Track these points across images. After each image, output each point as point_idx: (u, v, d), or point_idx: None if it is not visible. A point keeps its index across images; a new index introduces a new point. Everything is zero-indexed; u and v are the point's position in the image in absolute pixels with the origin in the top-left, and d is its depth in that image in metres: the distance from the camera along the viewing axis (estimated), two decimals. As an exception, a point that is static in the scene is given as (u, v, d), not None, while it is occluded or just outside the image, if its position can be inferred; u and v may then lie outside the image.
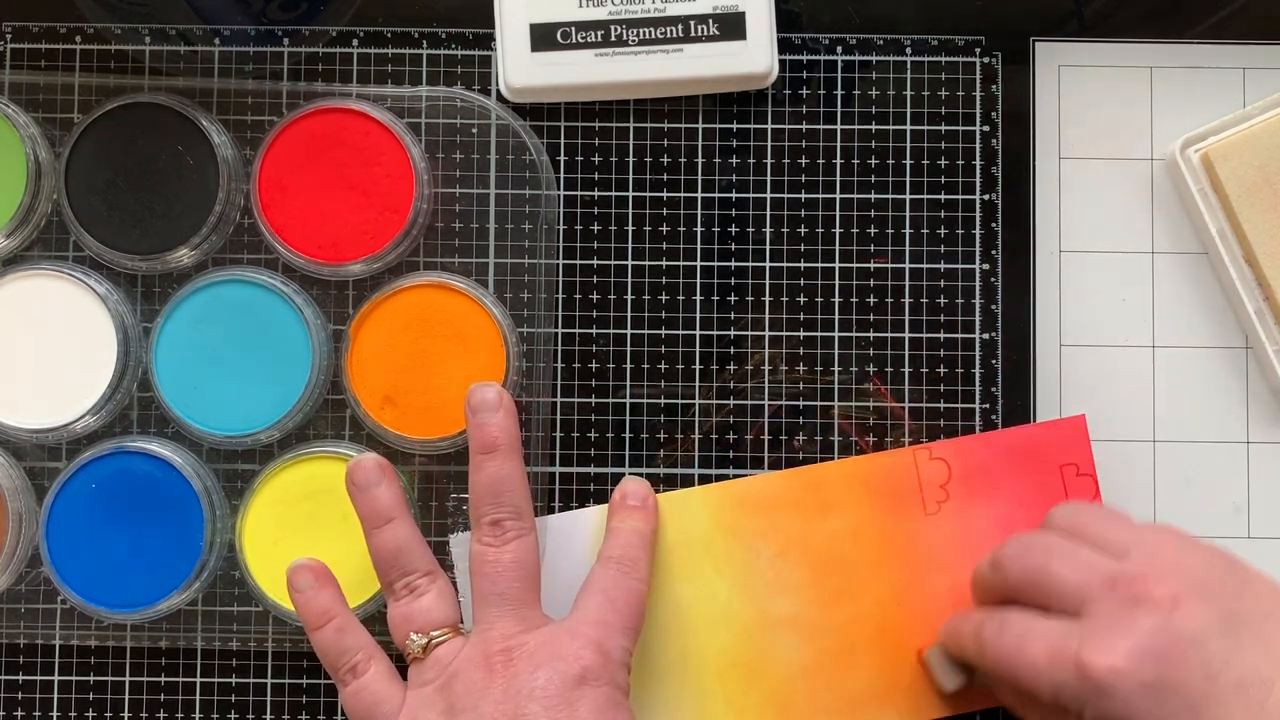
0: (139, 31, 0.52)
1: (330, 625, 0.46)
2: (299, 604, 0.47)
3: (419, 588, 0.46)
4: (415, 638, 0.45)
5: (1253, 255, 0.50)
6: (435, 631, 0.45)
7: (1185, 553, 0.42)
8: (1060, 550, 0.43)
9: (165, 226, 0.50)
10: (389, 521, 0.46)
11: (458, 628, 0.46)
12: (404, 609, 0.46)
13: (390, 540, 0.46)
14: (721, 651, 0.50)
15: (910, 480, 0.50)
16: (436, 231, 0.51)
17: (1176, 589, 0.40)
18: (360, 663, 0.45)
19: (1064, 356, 0.52)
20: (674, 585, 0.50)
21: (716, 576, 0.50)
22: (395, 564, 0.46)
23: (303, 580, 0.46)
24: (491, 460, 0.46)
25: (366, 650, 0.46)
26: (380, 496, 0.46)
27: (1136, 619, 0.40)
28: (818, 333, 0.52)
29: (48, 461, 0.51)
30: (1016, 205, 0.52)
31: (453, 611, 0.46)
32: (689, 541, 0.50)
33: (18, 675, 0.51)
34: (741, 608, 0.50)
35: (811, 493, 0.50)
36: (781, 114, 0.52)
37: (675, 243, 0.52)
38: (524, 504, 0.46)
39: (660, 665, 0.50)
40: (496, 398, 0.47)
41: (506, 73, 0.50)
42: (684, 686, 0.49)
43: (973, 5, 0.52)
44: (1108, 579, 0.41)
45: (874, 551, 0.50)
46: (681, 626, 0.50)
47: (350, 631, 0.46)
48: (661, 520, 0.50)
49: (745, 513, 0.50)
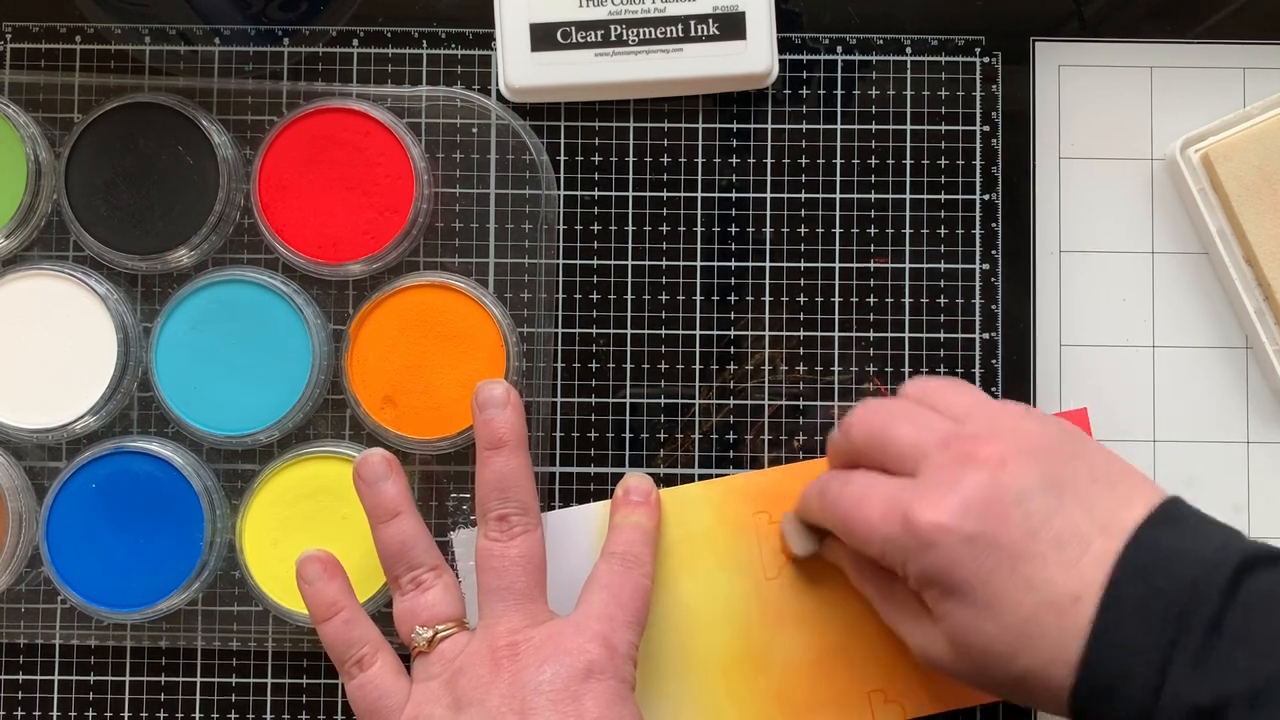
0: (139, 31, 0.52)
1: (338, 617, 0.46)
2: (307, 595, 0.47)
3: (425, 582, 0.46)
4: (421, 631, 0.45)
5: (1253, 255, 0.50)
6: (441, 626, 0.45)
7: (1023, 419, 0.43)
8: (903, 413, 0.44)
9: (165, 226, 0.50)
10: (395, 516, 0.46)
11: (463, 622, 0.46)
12: (410, 603, 0.46)
13: (397, 535, 0.46)
14: (725, 646, 0.50)
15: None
16: (436, 231, 0.51)
17: (1005, 449, 0.41)
18: (367, 655, 0.45)
19: (1064, 356, 0.52)
20: (677, 580, 0.50)
21: (719, 571, 0.50)
22: (401, 558, 0.46)
23: (311, 571, 0.46)
24: (498, 456, 0.46)
25: (374, 643, 0.46)
26: (387, 491, 0.46)
27: (964, 476, 0.40)
28: (818, 333, 0.52)
29: (48, 461, 0.51)
30: (1016, 205, 0.52)
31: (458, 606, 0.46)
32: (691, 536, 0.50)
33: (18, 675, 0.51)
34: (744, 602, 0.50)
35: None
36: (781, 114, 0.52)
37: (675, 243, 0.52)
38: (530, 500, 0.46)
39: (663, 661, 0.50)
40: (504, 394, 0.47)
41: (506, 73, 0.50)
42: (687, 682, 0.50)
43: (973, 5, 0.52)
44: (943, 439, 0.42)
45: None
46: (684, 622, 0.50)
47: (358, 624, 0.46)
48: (664, 516, 0.50)
49: (748, 507, 0.50)
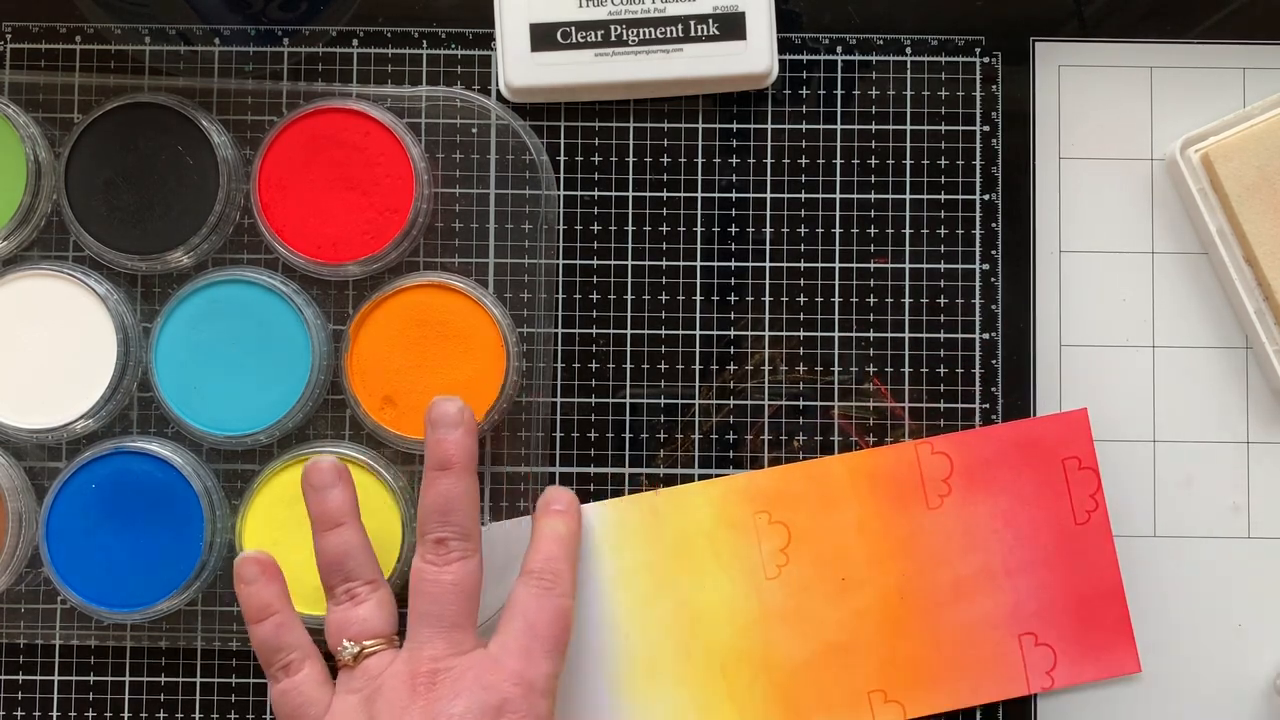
0: (139, 31, 0.52)
1: (271, 620, 0.46)
2: (243, 595, 0.46)
3: (359, 595, 0.46)
4: (348, 645, 0.45)
5: (1253, 255, 0.50)
6: (369, 641, 0.45)
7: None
8: None
9: (165, 226, 0.50)
10: (338, 525, 0.46)
11: (392, 640, 0.46)
12: (342, 614, 0.46)
13: (338, 544, 0.46)
14: (725, 645, 0.50)
15: (912, 474, 0.50)
16: (436, 231, 0.51)
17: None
18: (295, 662, 0.46)
19: (1064, 356, 0.52)
20: (677, 580, 0.50)
21: (719, 571, 0.50)
22: (340, 568, 0.46)
23: (250, 572, 0.46)
24: (445, 478, 0.46)
25: (302, 650, 0.46)
26: (333, 499, 0.46)
27: None
28: (818, 333, 0.52)
29: (48, 461, 0.51)
30: (1016, 205, 0.52)
31: (389, 623, 0.46)
32: (691, 535, 0.50)
33: (18, 675, 0.51)
34: (745, 602, 0.50)
35: (815, 486, 0.50)
36: (781, 114, 0.52)
37: (675, 243, 0.52)
38: (472, 525, 0.46)
39: (663, 660, 0.50)
40: (458, 414, 0.46)
41: (506, 73, 0.50)
42: (686, 681, 0.50)
43: (973, 5, 0.52)
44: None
45: (877, 545, 0.50)
46: (685, 621, 0.50)
47: (290, 629, 0.46)
48: (664, 515, 0.50)
49: (748, 506, 0.50)
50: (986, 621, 0.50)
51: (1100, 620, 0.50)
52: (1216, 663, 0.51)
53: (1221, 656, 0.51)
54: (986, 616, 0.50)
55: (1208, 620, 0.51)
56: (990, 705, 0.51)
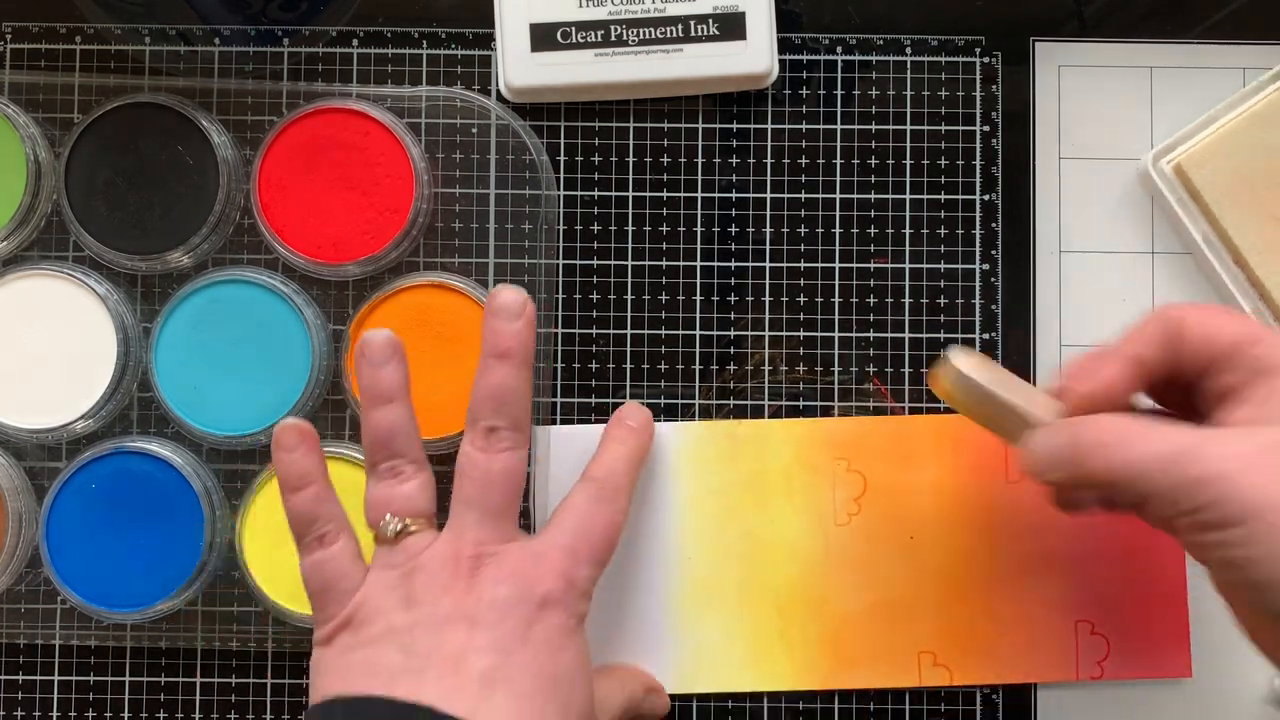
0: (139, 31, 0.52)
1: (309, 490, 0.44)
2: (281, 463, 0.44)
3: (405, 473, 0.44)
4: (390, 520, 0.44)
5: (1241, 258, 0.50)
6: (411, 520, 0.44)
7: None
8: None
9: (165, 226, 0.50)
10: (390, 401, 0.44)
11: (433, 522, 0.45)
12: (385, 490, 0.44)
13: (387, 420, 0.44)
14: (784, 584, 0.50)
15: (996, 446, 0.50)
16: (436, 231, 0.51)
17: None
18: (330, 533, 0.44)
19: (1064, 356, 0.52)
20: (747, 511, 0.50)
21: (790, 510, 0.50)
22: (387, 445, 0.44)
23: (290, 439, 0.44)
24: (502, 366, 0.44)
25: (338, 523, 0.44)
26: (386, 375, 0.44)
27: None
28: (818, 333, 0.52)
29: (48, 461, 0.51)
30: (1016, 205, 0.52)
31: (431, 505, 0.45)
32: (768, 470, 0.50)
33: (18, 675, 0.51)
34: (810, 544, 0.50)
35: (897, 442, 0.50)
36: (781, 114, 0.52)
37: (675, 243, 0.52)
38: (524, 418, 0.45)
39: (721, 587, 0.50)
40: (520, 305, 0.44)
41: (506, 73, 0.50)
42: (741, 612, 0.49)
43: (973, 5, 0.52)
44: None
45: (950, 509, 0.50)
46: (748, 553, 0.50)
47: (327, 501, 0.44)
48: (743, 444, 0.50)
49: (828, 451, 0.50)
50: (1046, 602, 0.50)
51: (1159, 619, 0.50)
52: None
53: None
54: (1046, 597, 0.50)
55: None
56: (989, 701, 0.50)
